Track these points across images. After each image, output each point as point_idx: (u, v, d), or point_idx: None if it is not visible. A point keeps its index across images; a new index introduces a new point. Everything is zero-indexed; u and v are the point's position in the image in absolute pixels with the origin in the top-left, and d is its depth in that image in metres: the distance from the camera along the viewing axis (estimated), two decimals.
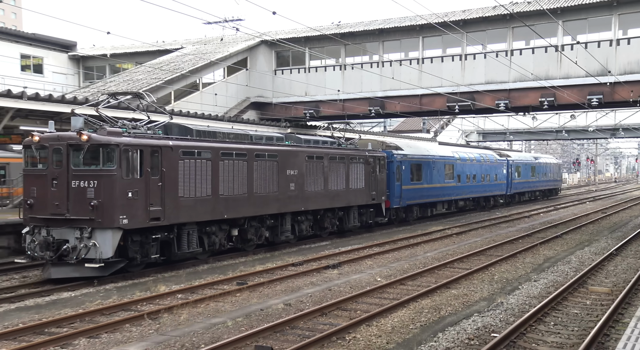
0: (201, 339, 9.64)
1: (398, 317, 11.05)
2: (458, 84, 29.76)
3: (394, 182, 26.73)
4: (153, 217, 14.53)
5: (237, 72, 34.39)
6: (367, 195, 24.43)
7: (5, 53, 34.62)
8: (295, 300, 12.54)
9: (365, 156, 24.43)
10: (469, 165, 36.00)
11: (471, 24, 29.81)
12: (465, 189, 35.63)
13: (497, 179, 40.63)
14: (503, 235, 24.33)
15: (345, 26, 33.77)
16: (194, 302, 12.15)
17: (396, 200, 27.04)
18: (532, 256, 18.92)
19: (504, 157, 43.20)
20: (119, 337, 9.87)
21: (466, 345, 9.44)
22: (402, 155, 27.98)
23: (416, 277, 15.17)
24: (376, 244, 21.59)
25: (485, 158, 39.01)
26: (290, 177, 19.63)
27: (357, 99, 32.07)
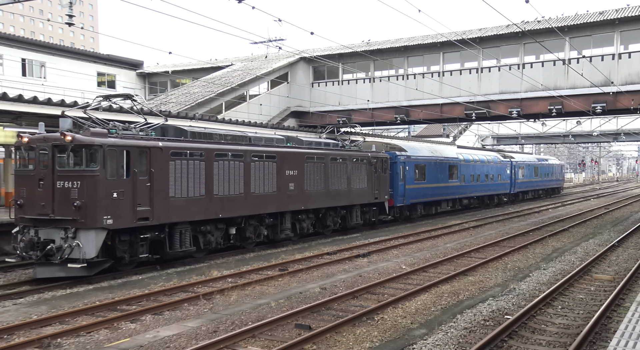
0: (248, 318, 9.70)
1: (421, 301, 10.93)
2: (475, 94, 29.41)
3: (397, 182, 25.12)
4: (141, 217, 13.10)
5: (279, 85, 34.60)
6: (370, 194, 22.78)
7: (85, 71, 35.61)
8: (329, 285, 12.51)
9: (368, 157, 22.72)
10: (472, 166, 33.66)
11: (487, 40, 29.51)
12: (469, 188, 33.39)
13: (501, 179, 38.31)
14: (515, 229, 23.82)
15: (374, 44, 33.59)
16: (242, 286, 12.23)
17: (400, 199, 25.40)
18: (542, 247, 18.48)
19: (508, 158, 40.93)
20: (179, 315, 10.01)
21: (482, 325, 9.26)
22: (405, 157, 26.26)
23: (437, 266, 14.97)
24: (401, 235, 21.40)
25: (489, 159, 36.75)
26: (290, 177, 18.02)
27: (385, 107, 32.00)
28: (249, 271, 13.96)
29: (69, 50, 37.81)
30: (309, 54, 32.20)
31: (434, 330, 8.95)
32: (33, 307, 10.57)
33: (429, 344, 8.22)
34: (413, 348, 8.07)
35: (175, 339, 8.52)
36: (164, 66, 41.96)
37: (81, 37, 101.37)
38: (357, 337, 8.57)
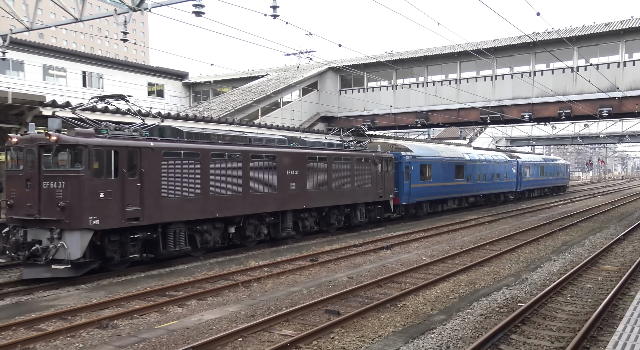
0: (283, 303, 9.72)
1: (440, 289, 10.77)
2: (489, 99, 28.91)
3: (402, 181, 23.69)
4: (130, 217, 11.92)
5: (310, 93, 34.63)
6: (375, 193, 21.25)
7: (137, 82, 36.34)
8: (356, 274, 12.45)
9: (372, 157, 21.16)
10: (478, 165, 31.64)
11: (500, 50, 29.02)
12: (475, 186, 31.34)
13: (507, 178, 36.18)
14: (527, 223, 23.28)
15: (396, 54, 33.29)
16: (277, 274, 12.26)
17: (405, 198, 23.97)
18: (552, 240, 18.01)
19: (514, 158, 38.72)
20: (220, 300, 10.08)
21: (497, 312, 9.07)
22: (410, 157, 24.71)
23: (455, 257, 14.74)
24: (421, 230, 21.16)
25: (495, 159, 34.62)
26: (291, 176, 16.72)
27: (406, 112, 31.76)
28: (283, 261, 13.99)
29: (123, 63, 38.62)
30: (336, 64, 32.15)
31: (452, 316, 8.81)
32: (93, 292, 10.82)
33: (447, 329, 8.09)
34: (433, 332, 7.95)
35: (218, 322, 8.59)
36: (206, 76, 42.51)
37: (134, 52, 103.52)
38: (382, 322, 8.49)
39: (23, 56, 29.84)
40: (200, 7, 11.25)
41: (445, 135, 54.58)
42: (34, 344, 7.54)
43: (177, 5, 11.63)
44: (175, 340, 7.61)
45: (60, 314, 9.00)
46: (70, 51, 35.28)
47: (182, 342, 7.50)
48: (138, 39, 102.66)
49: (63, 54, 33.08)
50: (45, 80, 31.20)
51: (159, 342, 7.54)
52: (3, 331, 8.12)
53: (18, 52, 29.00)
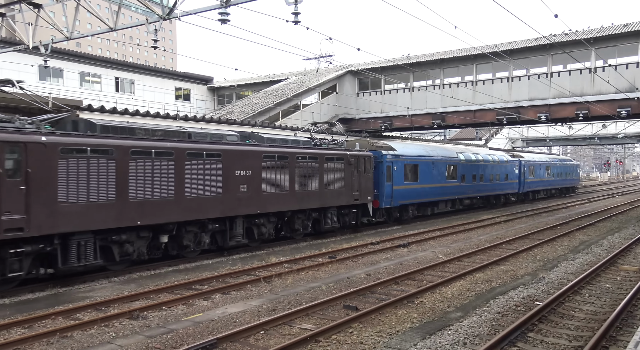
0: (302, 298, 9.74)
1: (456, 287, 10.64)
2: (506, 100, 28.47)
3: (383, 182, 20.72)
4: (9, 227, 9.45)
5: (329, 95, 34.66)
6: (349, 195, 18.51)
7: (165, 87, 36.92)
8: (373, 271, 12.40)
9: (346, 156, 18.40)
10: (475, 166, 28.42)
11: (517, 52, 28.53)
12: (471, 188, 28.05)
13: (508, 179, 32.58)
14: (544, 223, 22.83)
15: (413, 57, 33.06)
16: (297, 271, 12.29)
17: (386, 201, 21.00)
18: (569, 240, 17.61)
19: (517, 157, 35.28)
20: (243, 294, 10.16)
21: (514, 310, 8.92)
22: (393, 156, 21.66)
23: (471, 255, 14.55)
24: (437, 228, 20.95)
25: (494, 158, 31.12)
26: (241, 178, 14.17)
27: (423, 114, 31.50)
28: (302, 258, 14.01)
29: (153, 69, 39.26)
30: (355, 68, 32.09)
31: (469, 314, 8.70)
32: (124, 285, 11.03)
33: (464, 326, 7.99)
34: (450, 329, 7.87)
35: (241, 315, 8.66)
36: (230, 81, 42.95)
37: (163, 58, 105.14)
38: (399, 318, 8.44)
39: (62, 64, 30.61)
40: (226, 14, 11.36)
41: (461, 136, 53.96)
42: (71, 332, 7.73)
43: (203, 13, 11.77)
44: (201, 332, 7.70)
45: (95, 304, 9.20)
46: (104, 59, 36.04)
47: (207, 334, 7.59)
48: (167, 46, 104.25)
49: (98, 62, 33.82)
50: (81, 86, 31.94)
51: (185, 333, 7.65)
52: (44, 320, 8.36)
53: (58, 60, 29.77)
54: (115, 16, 12.89)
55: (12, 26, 14.72)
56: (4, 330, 7.84)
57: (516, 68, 28.43)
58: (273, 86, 36.97)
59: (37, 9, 13.50)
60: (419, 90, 31.86)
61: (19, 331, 7.87)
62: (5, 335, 7.69)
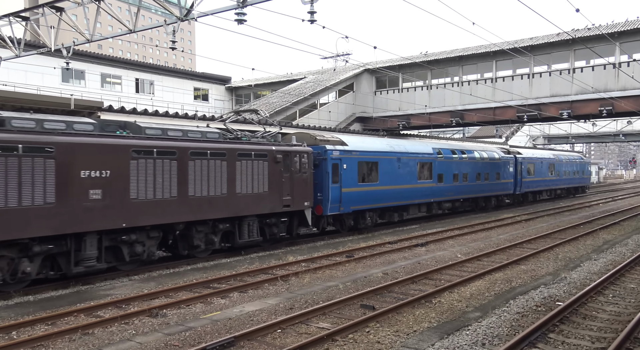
0: (320, 297, 9.75)
1: (475, 287, 10.51)
2: (526, 97, 28.01)
3: (327, 184, 16.90)
4: None
5: (346, 94, 34.59)
6: (275, 201, 14.81)
7: (184, 87, 37.37)
8: (391, 270, 12.34)
9: (270, 152, 14.69)
10: (457, 163, 24.47)
11: (538, 48, 28.03)
12: (452, 189, 24.02)
13: (501, 178, 28.34)
14: (566, 222, 22.39)
15: (431, 55, 32.77)
16: (314, 269, 12.30)
17: (333, 206, 17.13)
18: (592, 239, 17.23)
19: (512, 154, 31.06)
20: (260, 293, 10.22)
21: (534, 311, 8.77)
22: (342, 152, 17.65)
23: (490, 255, 14.36)
24: (456, 227, 20.73)
25: (482, 155, 26.92)
26: (92, 180, 10.62)
27: (441, 112, 31.20)
28: (320, 257, 14.02)
29: (172, 70, 39.76)
30: (372, 66, 31.97)
31: (488, 314, 8.58)
32: (144, 283, 11.20)
33: (483, 326, 7.89)
34: (468, 329, 7.78)
35: (258, 313, 8.71)
36: (248, 80, 43.25)
37: (181, 59, 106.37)
38: (417, 318, 8.38)
39: (84, 66, 31.24)
40: (242, 15, 11.43)
41: (481, 134, 53.32)
42: (92, 329, 7.89)
43: (220, 14, 11.86)
44: (219, 330, 7.77)
45: (116, 302, 9.37)
46: (125, 60, 36.64)
47: (225, 332, 7.65)
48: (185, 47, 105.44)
49: (119, 63, 34.41)
50: (103, 87, 32.54)
51: (203, 331, 7.73)
52: (66, 317, 8.54)
53: (80, 62, 30.40)
54: (134, 18, 13.09)
55: (36, 30, 15.08)
56: (28, 326, 8.04)
57: (537, 64, 27.95)
58: (290, 85, 37.06)
59: (60, 13, 13.80)
60: (437, 88, 31.59)
61: (43, 328, 8.06)
62: (29, 331, 7.88)
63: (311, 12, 10.99)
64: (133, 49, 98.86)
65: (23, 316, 8.61)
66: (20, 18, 14.54)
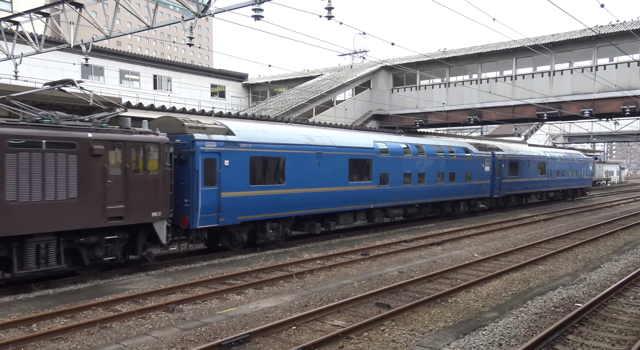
0: (335, 295, 9.76)
1: (492, 286, 10.41)
2: (547, 95, 27.55)
3: (196, 187, 12.58)
4: None
5: (363, 91, 34.47)
6: (93, 211, 10.43)
7: (201, 84, 37.64)
8: (406, 269, 12.28)
9: (83, 141, 10.30)
10: (409, 161, 19.77)
11: (559, 45, 27.53)
12: (402, 192, 19.33)
13: (472, 179, 23.85)
14: (586, 222, 22.01)
15: (449, 52, 32.44)
16: (329, 267, 12.31)
17: (206, 217, 12.76)
18: (613, 240, 16.91)
19: (489, 150, 26.30)
20: (276, 290, 10.27)
21: (552, 312, 8.64)
22: (223, 143, 13.22)
23: (508, 255, 14.19)
24: (473, 226, 20.53)
25: (446, 152, 22.26)
26: None
27: (459, 109, 30.89)
28: (335, 255, 14.02)
29: (189, 66, 40.07)
30: (389, 63, 31.78)
31: (504, 314, 8.49)
32: (161, 278, 11.34)
33: (500, 326, 7.81)
34: (485, 329, 7.71)
35: (273, 310, 8.75)
36: (264, 77, 43.34)
37: (199, 56, 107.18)
38: (432, 317, 8.33)
39: (103, 62, 31.68)
40: (260, 11, 11.46)
41: (499, 132, 52.70)
42: (110, 323, 8.02)
43: (238, 10, 11.92)
44: (234, 326, 7.83)
45: (133, 297, 9.51)
46: (143, 57, 37.05)
47: (240, 328, 7.71)
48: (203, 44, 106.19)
49: (137, 60, 34.80)
50: (121, 84, 32.97)
51: (219, 327, 7.79)
52: (85, 310, 8.70)
53: (99, 59, 30.84)
54: (152, 15, 13.23)
55: (56, 26, 15.33)
56: (48, 319, 8.22)
57: (558, 61, 27.46)
58: (307, 82, 37.06)
59: (79, 9, 14.01)
60: (455, 85, 31.27)
61: (62, 321, 8.22)
62: (49, 324, 8.05)
63: (328, 7, 10.97)
64: (151, 45, 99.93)
65: (43, 309, 8.80)
66: (40, 14, 14.79)
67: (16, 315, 8.45)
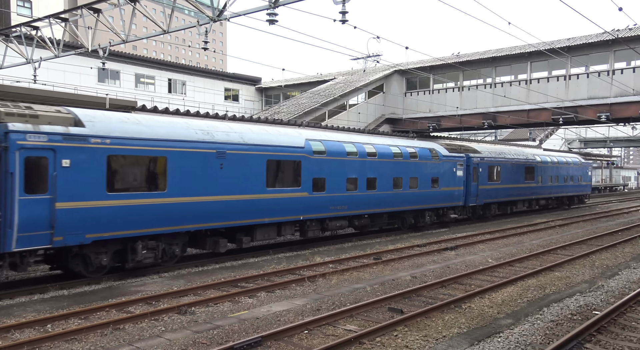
0: (347, 299, 9.68)
1: (507, 293, 10.24)
2: (562, 99, 27.21)
3: (10, 197, 9.30)
4: None
5: (376, 95, 34.41)
6: None
7: (215, 88, 37.90)
8: (419, 274, 12.15)
9: None
10: (354, 163, 16.49)
11: (575, 49, 27.23)
12: (344, 201, 16.19)
13: (441, 184, 20.40)
14: (603, 228, 21.61)
15: (463, 56, 32.25)
16: (341, 271, 12.23)
17: (29, 237, 9.44)
18: (632, 246, 16.56)
19: (462, 153, 22.51)
20: (288, 293, 10.22)
21: (569, 319, 8.46)
22: (62, 138, 9.91)
23: (523, 260, 13.97)
24: (487, 231, 20.29)
25: (405, 153, 18.79)
26: None
27: (472, 114, 30.70)
28: (347, 259, 13.94)
29: (204, 70, 40.39)
30: (403, 67, 31.69)
31: (520, 321, 8.34)
32: (173, 280, 11.37)
33: (515, 333, 7.66)
34: (500, 336, 7.57)
35: (285, 313, 8.71)
36: (277, 81, 43.50)
37: (213, 60, 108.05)
38: (446, 323, 8.21)
39: (119, 66, 32.10)
40: (274, 15, 11.48)
41: (514, 136, 52.19)
42: (123, 324, 8.05)
43: (252, 14, 11.96)
44: (246, 329, 7.80)
45: (146, 299, 9.54)
46: (158, 61, 37.46)
47: (252, 331, 7.68)
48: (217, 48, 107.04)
49: (152, 64, 35.21)
50: (137, 88, 33.35)
51: (231, 330, 7.77)
52: (98, 311, 8.75)
53: (115, 63, 31.25)
54: (168, 19, 13.35)
55: (74, 31, 15.55)
56: (62, 320, 8.27)
57: (574, 65, 27.12)
58: (320, 86, 37.10)
59: (97, 14, 14.19)
60: (469, 89, 31.06)
61: (76, 322, 8.27)
62: (63, 325, 8.11)
63: (343, 12, 10.95)
64: (166, 49, 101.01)
65: (58, 310, 8.87)
66: (60, 19, 15.02)
67: (31, 315, 8.53)
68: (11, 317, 8.46)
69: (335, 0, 10.68)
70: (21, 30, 15.94)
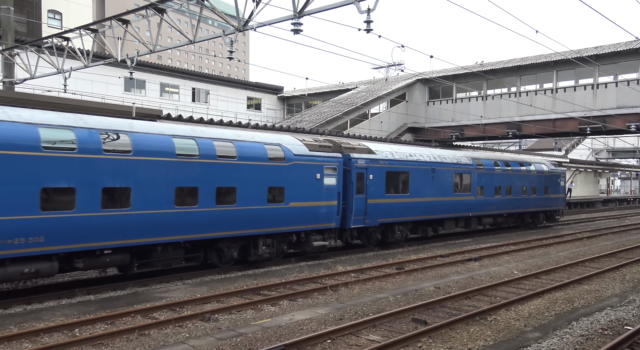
0: (369, 309, 9.62)
1: (534, 305, 10.02)
2: (590, 108, 26.70)
3: None
4: None
5: (398, 104, 34.34)
6: None
7: (238, 97, 38.40)
8: (443, 285, 12.00)
9: None
10: (126, 164, 10.47)
11: (603, 57, 26.74)
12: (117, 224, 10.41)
13: (301, 196, 14.05)
14: (633, 241, 20.98)
15: (487, 65, 31.99)
16: (364, 281, 12.16)
17: None
18: None
19: (335, 151, 15.48)
20: (310, 302, 10.21)
21: (600, 334, 8.22)
22: None
23: (549, 272, 13.66)
24: (512, 242, 19.92)
25: (242, 151, 12.64)
26: None
27: (496, 123, 30.36)
28: (369, 268, 13.86)
29: (227, 79, 40.96)
30: (426, 76, 31.58)
31: (548, 335, 8.14)
32: (197, 287, 11.48)
33: (543, 347, 7.48)
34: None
35: (308, 322, 8.69)
36: (300, 90, 43.78)
37: (235, 69, 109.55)
38: (471, 335, 8.08)
39: (145, 76, 32.83)
40: (299, 24, 11.61)
41: (539, 146, 51.36)
42: (148, 330, 8.15)
43: (276, 24, 12.11)
44: (269, 337, 7.82)
45: (170, 305, 9.65)
46: (183, 70, 38.18)
47: (275, 340, 7.69)
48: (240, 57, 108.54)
49: (177, 73, 35.90)
50: (161, 97, 34.02)
51: (254, 338, 7.80)
52: (124, 317, 8.89)
53: (141, 73, 31.99)
54: (194, 30, 13.62)
55: (103, 41, 16.01)
56: (89, 325, 8.43)
57: (602, 74, 26.61)
58: (342, 95, 37.23)
59: (125, 25, 14.59)
60: (492, 98, 30.74)
61: (103, 327, 8.42)
62: (90, 330, 8.26)
63: (367, 21, 11.00)
64: (190, 59, 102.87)
65: (85, 315, 9.04)
66: (90, 30, 15.48)
67: (60, 319, 8.71)
68: (40, 321, 8.66)
69: (360, 10, 10.74)
70: (53, 41, 16.47)
